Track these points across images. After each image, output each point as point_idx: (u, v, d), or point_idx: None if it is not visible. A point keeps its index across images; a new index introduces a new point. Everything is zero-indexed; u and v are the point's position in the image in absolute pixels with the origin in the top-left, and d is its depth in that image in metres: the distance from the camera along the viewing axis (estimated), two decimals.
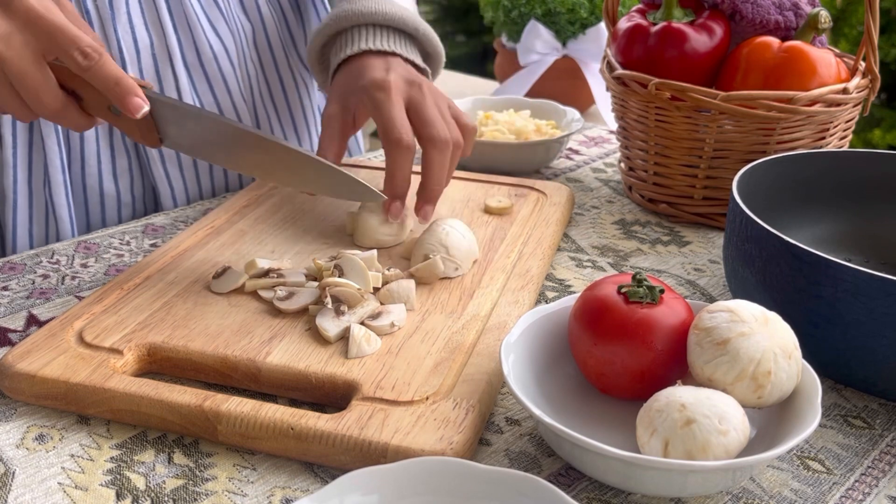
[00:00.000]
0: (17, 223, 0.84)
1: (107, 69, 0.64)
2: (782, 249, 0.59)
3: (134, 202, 0.90)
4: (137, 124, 0.69)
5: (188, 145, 0.72)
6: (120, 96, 0.65)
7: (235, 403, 0.54)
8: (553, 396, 0.57)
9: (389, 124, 0.74)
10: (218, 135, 0.71)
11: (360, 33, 0.83)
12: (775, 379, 0.50)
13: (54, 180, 0.84)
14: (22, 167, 0.83)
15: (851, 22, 2.76)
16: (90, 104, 0.68)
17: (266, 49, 0.98)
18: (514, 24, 1.66)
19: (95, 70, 0.64)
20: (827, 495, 0.52)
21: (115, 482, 0.51)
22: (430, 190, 0.75)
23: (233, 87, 0.93)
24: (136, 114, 0.65)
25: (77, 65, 0.64)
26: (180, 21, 0.88)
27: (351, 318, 0.62)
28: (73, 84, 0.67)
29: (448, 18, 4.62)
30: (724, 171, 0.84)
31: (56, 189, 0.84)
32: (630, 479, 0.49)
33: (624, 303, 0.54)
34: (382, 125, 0.75)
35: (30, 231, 0.85)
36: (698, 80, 0.85)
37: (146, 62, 0.86)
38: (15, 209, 0.84)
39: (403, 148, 0.74)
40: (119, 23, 0.84)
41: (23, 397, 0.57)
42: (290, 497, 0.51)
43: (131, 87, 0.65)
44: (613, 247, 0.82)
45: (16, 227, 0.84)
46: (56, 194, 0.84)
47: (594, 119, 1.65)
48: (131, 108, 0.65)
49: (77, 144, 0.85)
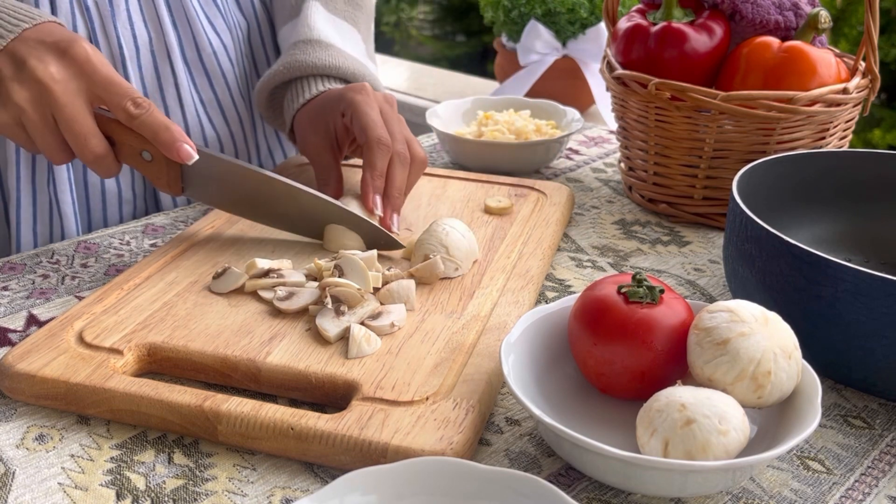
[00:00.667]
0: (20, 221, 0.84)
1: (156, 118, 0.69)
2: (782, 249, 0.59)
3: (135, 199, 0.90)
4: (165, 173, 0.72)
5: (211, 194, 0.75)
6: (169, 142, 0.69)
7: (235, 403, 0.54)
8: (553, 396, 0.57)
9: (371, 124, 0.77)
10: (245, 183, 0.74)
11: (314, 82, 0.86)
12: (775, 379, 0.51)
13: (59, 177, 0.84)
14: (25, 164, 0.83)
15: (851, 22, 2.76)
16: (122, 151, 0.71)
17: (259, 46, 0.98)
18: (514, 24, 1.66)
19: (145, 118, 0.69)
20: (827, 495, 0.52)
21: (115, 482, 0.51)
22: (392, 199, 0.78)
23: (231, 83, 0.94)
24: (188, 160, 0.70)
25: (128, 114, 0.69)
26: (179, 18, 0.88)
27: (351, 318, 0.62)
28: (108, 131, 0.70)
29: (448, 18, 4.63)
30: (724, 171, 0.84)
31: (61, 186, 0.84)
32: (630, 479, 0.49)
33: (624, 303, 0.54)
34: (363, 125, 0.77)
35: (34, 229, 0.85)
36: (698, 80, 0.85)
37: (145, 59, 0.87)
38: (18, 207, 0.84)
39: (384, 146, 0.77)
40: (119, 20, 0.84)
41: (23, 397, 0.57)
42: (290, 497, 0.51)
43: (181, 134, 0.70)
44: (613, 247, 0.82)
45: (19, 224, 0.84)
46: (61, 191, 0.84)
47: (594, 119, 1.65)
48: (183, 155, 0.70)
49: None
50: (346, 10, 0.94)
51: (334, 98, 0.82)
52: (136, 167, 0.72)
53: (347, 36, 0.93)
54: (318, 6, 0.92)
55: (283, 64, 0.87)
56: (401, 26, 4.70)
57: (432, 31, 4.73)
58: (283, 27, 0.94)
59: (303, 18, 0.91)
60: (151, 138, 0.69)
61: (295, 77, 0.87)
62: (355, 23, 0.95)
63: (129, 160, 0.72)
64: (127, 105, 0.68)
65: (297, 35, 0.89)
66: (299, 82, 0.87)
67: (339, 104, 0.80)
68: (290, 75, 0.86)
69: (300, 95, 0.86)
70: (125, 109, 0.68)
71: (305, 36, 0.88)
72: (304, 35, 0.88)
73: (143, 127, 0.69)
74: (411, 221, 0.81)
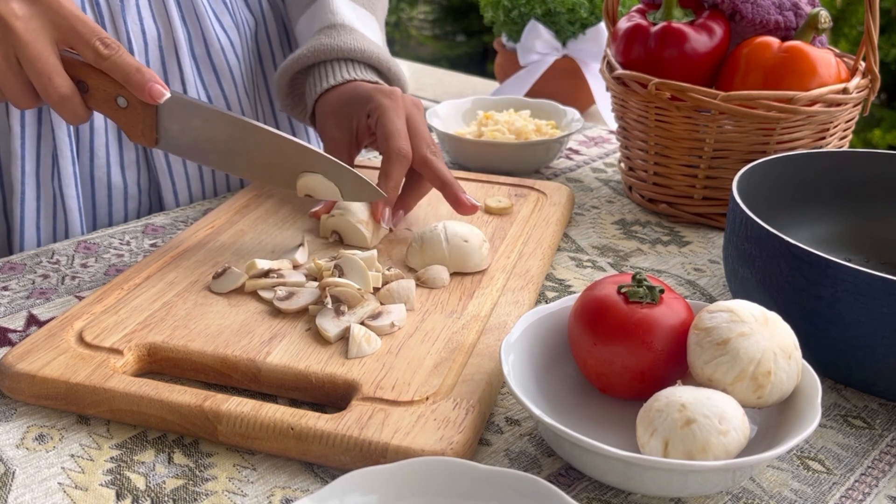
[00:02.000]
0: (24, 215, 0.84)
1: (127, 58, 0.68)
2: (782, 249, 0.59)
3: (140, 195, 0.90)
4: (141, 120, 0.70)
5: (186, 144, 0.73)
6: (141, 83, 0.68)
7: (235, 403, 0.54)
8: (553, 396, 0.57)
9: (394, 133, 0.76)
10: (224, 130, 0.72)
11: (340, 66, 0.85)
12: (775, 379, 0.51)
13: (64, 171, 0.84)
14: (30, 159, 0.83)
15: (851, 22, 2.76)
16: (95, 96, 0.69)
17: (265, 43, 0.99)
18: (514, 24, 1.66)
19: (115, 59, 0.67)
20: (827, 495, 0.52)
21: (115, 482, 0.51)
22: (406, 204, 0.78)
23: (238, 80, 0.94)
24: (159, 99, 0.68)
25: (97, 54, 0.67)
26: (188, 14, 0.89)
27: (351, 318, 0.62)
28: (80, 75, 0.68)
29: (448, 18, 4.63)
30: (724, 171, 0.84)
31: (66, 181, 0.84)
32: (630, 479, 0.49)
33: (624, 303, 0.54)
34: (386, 132, 0.77)
35: (37, 224, 0.85)
36: (698, 80, 0.85)
37: (153, 54, 0.87)
38: (23, 202, 0.84)
39: (403, 158, 0.76)
40: (128, 15, 0.85)
41: (23, 397, 0.57)
42: (290, 497, 0.51)
43: (152, 75, 0.68)
44: (613, 247, 0.82)
45: (23, 219, 0.84)
46: (66, 186, 0.84)
47: (594, 119, 1.65)
48: (154, 94, 0.68)
49: (86, 136, 0.86)
50: (364, 1, 0.94)
51: (362, 97, 0.81)
52: (110, 115, 0.71)
53: (368, 24, 0.92)
54: None
55: (309, 48, 0.86)
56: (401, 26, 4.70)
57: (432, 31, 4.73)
58: (300, 17, 0.93)
59: (324, 4, 0.90)
60: (122, 80, 0.68)
61: (320, 61, 0.86)
62: (373, 11, 0.95)
63: (102, 107, 0.70)
64: (95, 44, 0.67)
65: (321, 21, 0.88)
66: (324, 66, 0.86)
67: (367, 105, 0.80)
68: (316, 59, 0.85)
69: (325, 79, 0.84)
70: (94, 48, 0.67)
71: (329, 21, 0.87)
72: (328, 21, 0.88)
73: (113, 68, 0.67)
74: (411, 221, 0.81)
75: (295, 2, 0.96)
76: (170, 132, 0.72)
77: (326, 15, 0.88)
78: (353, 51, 0.85)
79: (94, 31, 0.67)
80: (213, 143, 0.73)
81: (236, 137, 0.72)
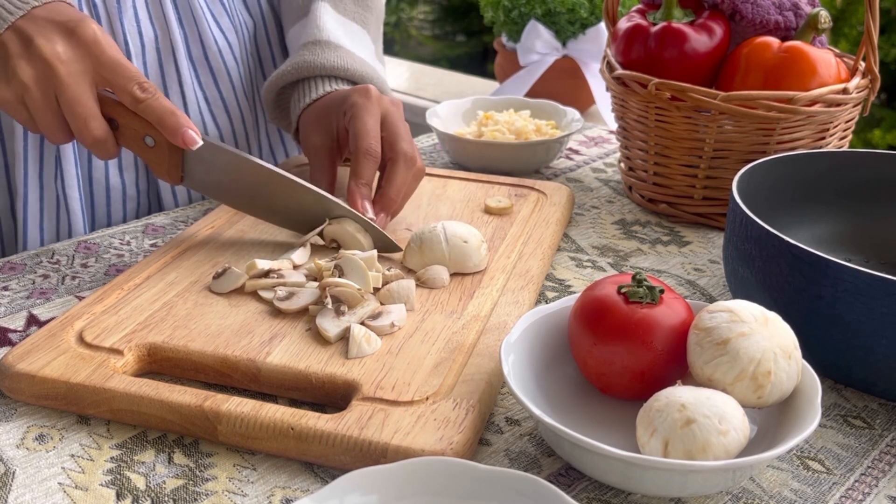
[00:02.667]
0: (27, 217, 0.84)
1: (162, 102, 0.69)
2: (782, 249, 0.59)
3: (139, 196, 0.90)
4: (167, 159, 0.72)
5: (209, 184, 0.75)
6: (174, 127, 0.69)
7: (235, 403, 0.54)
8: (553, 396, 0.57)
9: (363, 132, 0.77)
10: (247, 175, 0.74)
11: (322, 82, 0.87)
12: (775, 379, 0.51)
13: (67, 173, 0.84)
14: (33, 160, 0.83)
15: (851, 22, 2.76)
16: (125, 134, 0.71)
17: (265, 45, 0.99)
18: (514, 24, 1.66)
19: (150, 102, 0.69)
20: (827, 495, 0.52)
21: (115, 482, 0.51)
22: (389, 199, 0.78)
23: (236, 81, 0.94)
24: (193, 146, 0.70)
25: (134, 98, 0.69)
26: (186, 16, 0.89)
27: (351, 319, 0.62)
28: (112, 113, 0.70)
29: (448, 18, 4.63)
30: (724, 171, 0.84)
31: (69, 182, 0.84)
32: (630, 479, 0.49)
33: (624, 303, 0.54)
34: (356, 131, 0.78)
35: (40, 225, 0.85)
36: (698, 80, 0.85)
37: (150, 56, 0.87)
38: (25, 203, 0.84)
39: (371, 157, 0.77)
40: (125, 17, 0.85)
41: (23, 397, 0.57)
42: (290, 497, 0.51)
43: (186, 120, 0.70)
44: (613, 247, 0.82)
45: (26, 220, 0.84)
46: (69, 187, 0.84)
47: (594, 119, 1.65)
48: (188, 140, 0.70)
49: None
50: (356, 12, 0.95)
51: (339, 99, 0.82)
52: (137, 152, 0.72)
53: (357, 38, 0.93)
54: (328, 7, 0.92)
55: (292, 64, 0.87)
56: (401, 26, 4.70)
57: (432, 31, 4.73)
58: (291, 28, 0.95)
59: (312, 20, 0.91)
60: (157, 123, 0.69)
61: (303, 77, 0.87)
62: (365, 24, 0.96)
63: (131, 144, 0.72)
64: (133, 89, 0.68)
65: (307, 36, 0.89)
66: (306, 82, 0.87)
67: (343, 105, 0.81)
68: (298, 75, 0.87)
69: (306, 95, 0.86)
70: (131, 93, 0.68)
71: (315, 37, 0.89)
72: (313, 36, 0.89)
73: (148, 111, 0.69)
74: (411, 221, 0.81)
75: (288, 11, 0.96)
76: (194, 172, 0.74)
77: (313, 31, 0.90)
78: (335, 69, 0.86)
79: (133, 77, 0.69)
80: (236, 186, 0.75)
81: (257, 183, 0.74)
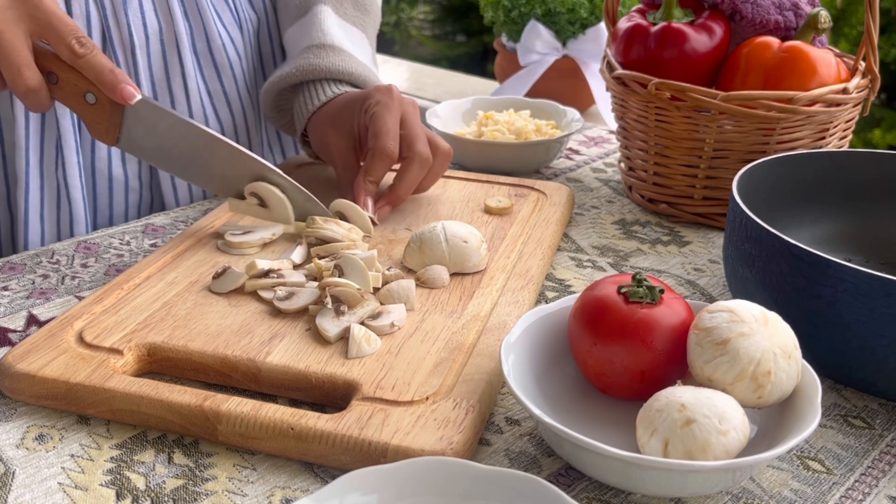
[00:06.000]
0: (28, 207, 0.84)
1: (101, 58, 0.69)
2: (782, 249, 0.59)
3: (140, 188, 0.91)
4: (107, 118, 0.72)
5: (148, 148, 0.75)
6: (113, 83, 0.70)
7: (235, 403, 0.54)
8: (553, 396, 0.57)
9: (383, 131, 0.78)
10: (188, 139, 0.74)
11: (329, 85, 0.87)
12: (775, 379, 0.50)
13: (69, 162, 0.84)
14: (34, 149, 0.83)
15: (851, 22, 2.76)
16: (64, 89, 0.71)
17: (267, 41, 0.99)
18: (514, 24, 1.66)
19: (90, 58, 0.69)
20: (827, 495, 0.52)
21: (115, 482, 0.51)
22: (397, 196, 0.80)
23: (239, 76, 0.95)
24: (130, 100, 0.70)
25: (72, 52, 0.68)
26: (191, 9, 0.90)
27: (351, 318, 0.62)
28: (50, 67, 0.70)
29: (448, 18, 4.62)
30: (724, 171, 0.84)
31: (70, 171, 0.84)
32: (630, 479, 0.49)
33: (624, 303, 0.54)
34: (376, 130, 0.79)
35: (41, 215, 0.85)
36: (698, 80, 0.85)
37: (154, 48, 0.88)
38: (27, 193, 0.84)
39: (387, 158, 0.78)
40: (130, 8, 0.85)
41: (23, 397, 0.57)
42: (290, 497, 0.51)
43: (125, 77, 0.70)
44: (613, 247, 0.82)
45: (27, 210, 0.84)
46: (70, 176, 0.85)
47: (594, 119, 1.65)
48: (125, 95, 0.70)
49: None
50: (356, 16, 0.95)
51: (358, 98, 0.83)
52: (75, 108, 0.72)
53: (357, 41, 0.94)
54: (330, 11, 0.93)
55: (296, 67, 0.87)
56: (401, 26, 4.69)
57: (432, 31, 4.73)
58: (289, 28, 0.95)
59: (314, 23, 0.91)
60: (95, 79, 0.69)
61: (307, 80, 0.87)
62: (364, 28, 0.97)
63: (69, 100, 0.72)
64: (72, 42, 0.68)
65: (310, 39, 0.90)
66: (311, 85, 0.87)
67: (364, 104, 0.81)
68: (303, 78, 0.87)
69: (314, 98, 0.86)
70: (69, 47, 0.68)
71: (319, 40, 0.89)
72: (317, 39, 0.89)
73: (86, 67, 0.69)
74: (411, 221, 0.81)
75: (285, 11, 0.96)
76: (133, 133, 0.74)
77: (316, 34, 0.90)
78: (340, 72, 0.87)
79: (71, 30, 0.68)
80: (175, 150, 0.75)
81: (200, 146, 0.75)
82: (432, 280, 0.69)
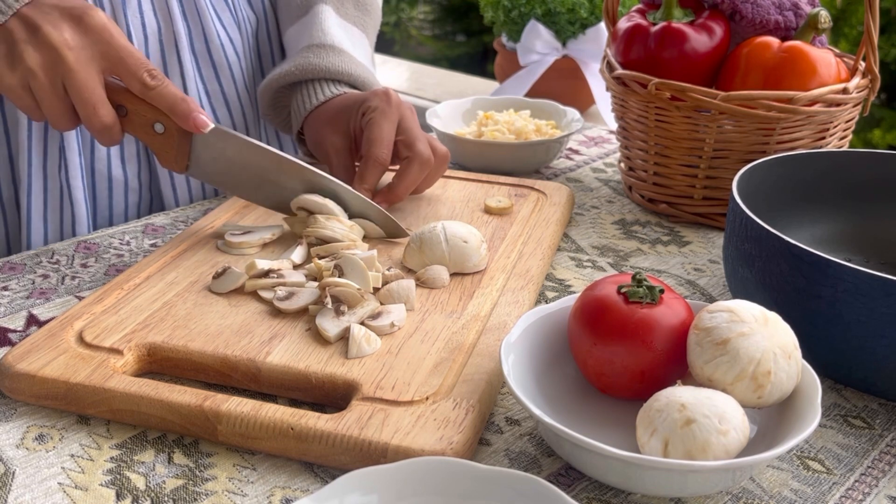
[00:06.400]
0: (31, 208, 0.84)
1: (172, 89, 0.71)
2: (782, 249, 0.59)
3: (140, 188, 0.91)
4: (175, 146, 0.73)
5: (216, 172, 0.75)
6: (186, 113, 0.71)
7: (235, 403, 0.54)
8: (553, 396, 0.57)
9: (378, 138, 0.80)
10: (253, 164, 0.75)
11: (327, 84, 0.88)
12: (775, 379, 0.51)
13: (71, 163, 0.84)
14: (37, 150, 0.83)
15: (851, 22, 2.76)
16: (133, 121, 0.72)
17: (266, 42, 0.99)
18: (514, 24, 1.66)
19: (160, 90, 0.70)
20: (827, 495, 0.52)
21: (115, 482, 0.51)
22: (395, 195, 0.81)
23: (237, 76, 0.95)
24: (204, 129, 0.71)
25: (144, 85, 0.70)
26: (189, 9, 0.90)
27: (351, 318, 0.62)
28: (120, 100, 0.71)
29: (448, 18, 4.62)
30: (724, 171, 0.84)
31: (73, 172, 0.85)
32: (630, 479, 0.49)
33: (624, 303, 0.54)
34: (371, 137, 0.80)
35: (44, 216, 0.85)
36: (698, 80, 0.85)
37: (153, 48, 0.88)
38: (29, 194, 0.84)
39: (379, 166, 0.80)
40: (129, 8, 0.85)
41: (23, 397, 0.57)
42: (290, 497, 0.51)
43: (197, 105, 0.71)
44: (613, 247, 0.82)
45: (30, 211, 0.84)
46: (73, 178, 0.85)
47: (594, 119, 1.65)
48: (199, 124, 0.71)
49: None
50: (357, 16, 0.96)
51: (357, 100, 0.83)
52: (144, 139, 0.73)
53: (357, 42, 0.94)
54: (331, 11, 0.93)
55: (296, 65, 0.88)
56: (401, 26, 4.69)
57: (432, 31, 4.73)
58: (290, 27, 0.95)
59: (315, 22, 0.92)
60: (167, 109, 0.70)
61: (306, 79, 0.88)
62: (364, 29, 0.97)
63: (138, 131, 0.72)
64: (143, 76, 0.69)
65: (311, 39, 0.90)
66: (310, 84, 0.88)
67: (361, 106, 0.82)
68: (302, 77, 0.88)
69: (312, 97, 0.87)
70: (141, 80, 0.69)
71: (319, 40, 0.89)
72: (317, 39, 0.90)
73: (158, 98, 0.70)
74: (411, 221, 0.81)
75: (286, 10, 0.97)
76: (201, 159, 0.74)
77: (317, 34, 0.90)
78: (339, 73, 0.87)
79: (142, 64, 0.70)
80: (244, 173, 0.76)
81: (265, 169, 0.75)
82: (432, 280, 0.69)
